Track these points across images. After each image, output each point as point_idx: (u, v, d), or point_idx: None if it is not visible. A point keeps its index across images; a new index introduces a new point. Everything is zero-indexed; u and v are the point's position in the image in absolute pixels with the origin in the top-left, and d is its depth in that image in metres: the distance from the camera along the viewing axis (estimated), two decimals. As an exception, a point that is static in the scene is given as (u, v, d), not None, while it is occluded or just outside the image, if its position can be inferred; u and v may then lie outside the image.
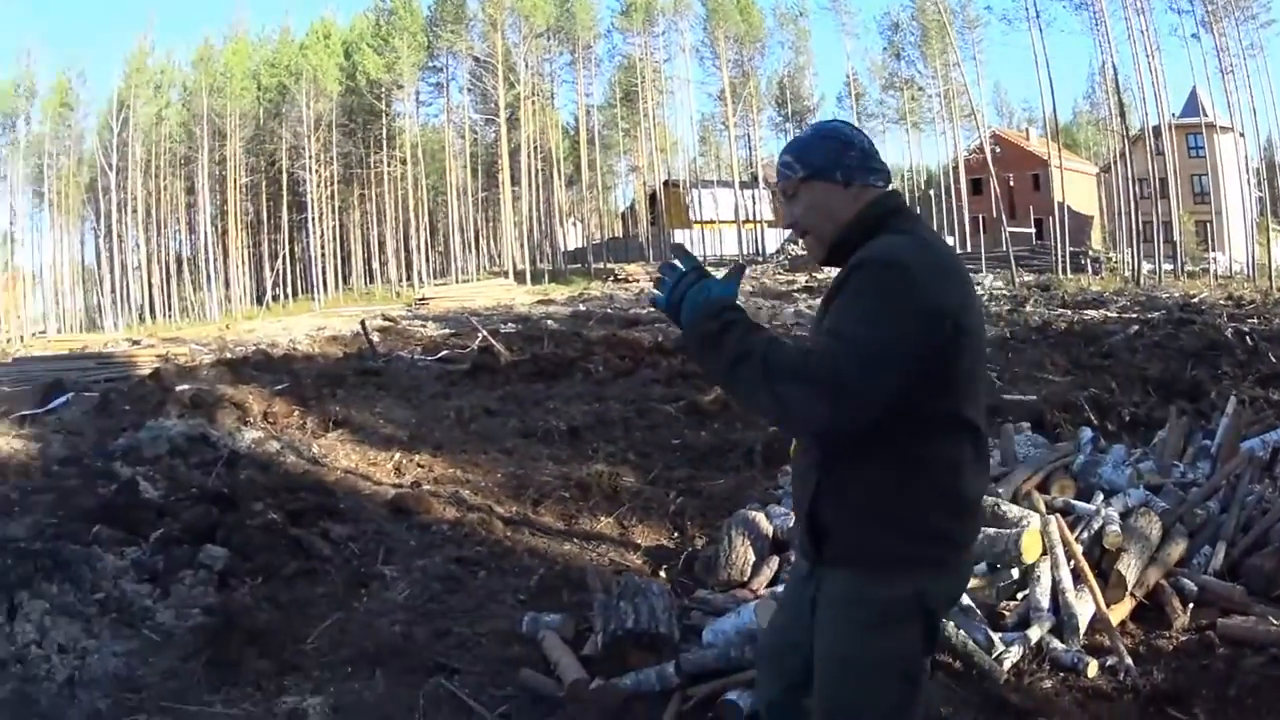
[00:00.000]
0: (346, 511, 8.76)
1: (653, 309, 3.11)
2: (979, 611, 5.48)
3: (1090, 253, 57.84)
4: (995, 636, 5.24)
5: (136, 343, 34.82)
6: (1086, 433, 8.71)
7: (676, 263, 2.95)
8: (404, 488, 9.79)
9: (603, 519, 8.69)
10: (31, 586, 6.06)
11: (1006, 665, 5.05)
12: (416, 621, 6.42)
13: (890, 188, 3.06)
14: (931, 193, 78.95)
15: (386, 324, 33.14)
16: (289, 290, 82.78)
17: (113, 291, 78.24)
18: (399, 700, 5.30)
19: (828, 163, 2.95)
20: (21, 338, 63.79)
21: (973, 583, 5.53)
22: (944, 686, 4.90)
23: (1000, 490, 6.54)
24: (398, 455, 11.24)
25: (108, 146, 76.28)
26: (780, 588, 6.03)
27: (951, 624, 5.07)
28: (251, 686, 5.48)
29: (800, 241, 3.17)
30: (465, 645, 6.06)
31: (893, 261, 2.68)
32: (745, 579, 6.58)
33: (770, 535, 6.90)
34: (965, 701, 4.83)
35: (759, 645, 3.92)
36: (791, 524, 6.37)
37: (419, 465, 10.85)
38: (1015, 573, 5.73)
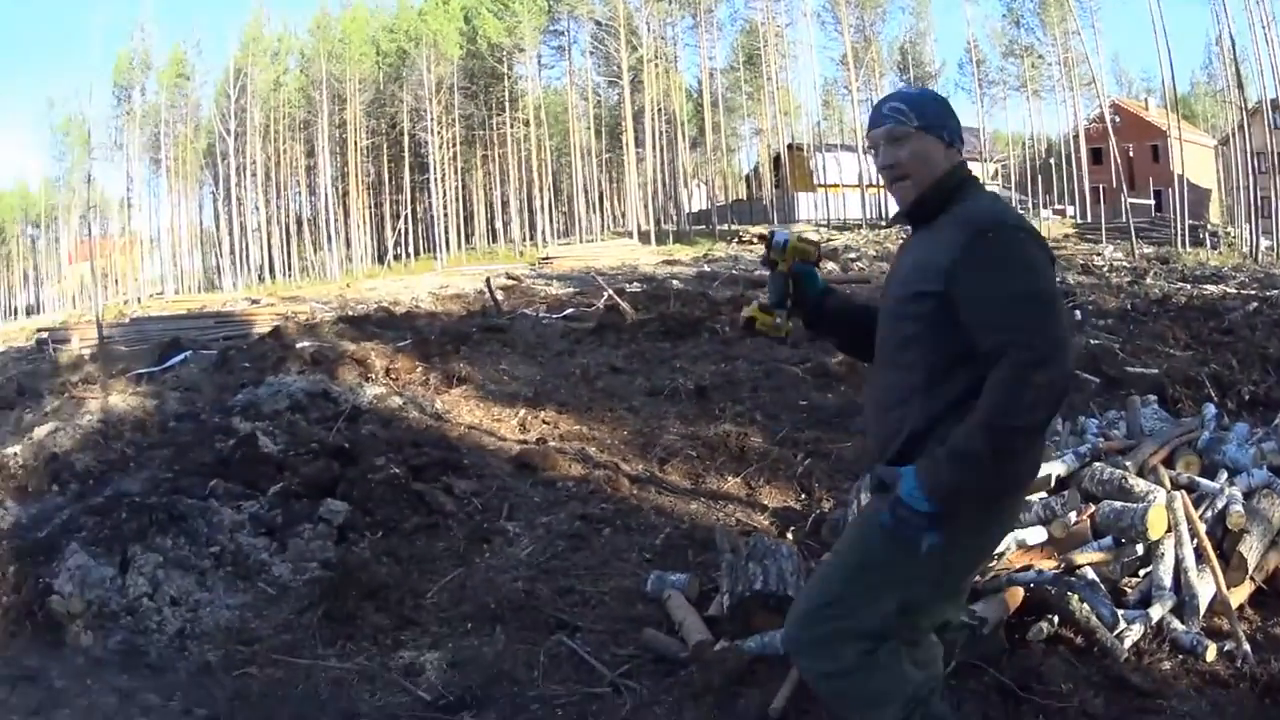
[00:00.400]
0: (470, 467, 8.68)
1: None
2: (1102, 586, 5.31)
3: (1209, 227, 56.29)
4: (1120, 613, 5.06)
5: (255, 302, 35.53)
6: (1210, 409, 8.37)
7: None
8: (529, 444, 9.67)
9: (729, 479, 8.52)
10: (145, 540, 6.05)
11: (1127, 644, 4.91)
12: (539, 578, 6.36)
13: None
14: (1051, 161, 77.59)
15: (510, 282, 33.38)
16: (411, 249, 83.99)
17: (231, 253, 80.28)
18: (518, 657, 5.25)
19: (938, 120, 3.26)
20: (139, 299, 65.57)
21: (1096, 556, 5.46)
22: (1065, 662, 4.77)
23: (1128, 463, 6.28)
24: (522, 412, 11.12)
25: (225, 113, 78.36)
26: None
27: (1076, 597, 5.01)
28: (368, 641, 5.49)
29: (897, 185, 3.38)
30: (588, 603, 6.00)
31: (1011, 222, 3.10)
32: (873, 543, 6.31)
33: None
34: (1086, 679, 4.66)
35: None
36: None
37: (544, 422, 10.72)
38: (1140, 549, 5.52)
